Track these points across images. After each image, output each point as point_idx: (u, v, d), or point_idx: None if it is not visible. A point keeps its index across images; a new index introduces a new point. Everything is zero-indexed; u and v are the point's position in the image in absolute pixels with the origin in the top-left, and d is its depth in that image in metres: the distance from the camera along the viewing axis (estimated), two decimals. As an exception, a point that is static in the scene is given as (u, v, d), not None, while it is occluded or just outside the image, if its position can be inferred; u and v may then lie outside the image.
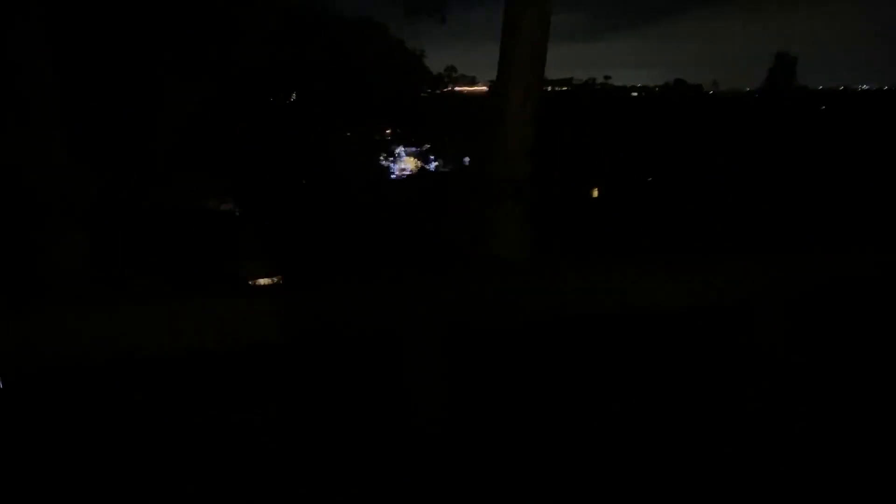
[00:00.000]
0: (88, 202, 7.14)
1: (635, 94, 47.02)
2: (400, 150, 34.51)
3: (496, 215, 7.17)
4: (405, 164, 34.26)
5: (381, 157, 32.53)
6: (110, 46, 11.93)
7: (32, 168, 6.66)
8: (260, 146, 18.73)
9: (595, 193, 31.33)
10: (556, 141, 31.49)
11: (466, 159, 34.74)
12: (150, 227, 13.11)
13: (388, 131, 36.57)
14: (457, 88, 46.98)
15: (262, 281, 15.38)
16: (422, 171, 31.39)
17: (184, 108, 12.67)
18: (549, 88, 55.49)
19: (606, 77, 57.57)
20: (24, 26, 5.94)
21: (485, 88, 55.30)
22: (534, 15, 6.70)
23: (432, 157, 34.35)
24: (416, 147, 33.81)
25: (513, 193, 7.05)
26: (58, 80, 6.32)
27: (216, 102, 14.41)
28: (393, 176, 32.26)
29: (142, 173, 12.34)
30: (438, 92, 39.85)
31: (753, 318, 6.07)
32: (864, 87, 52.24)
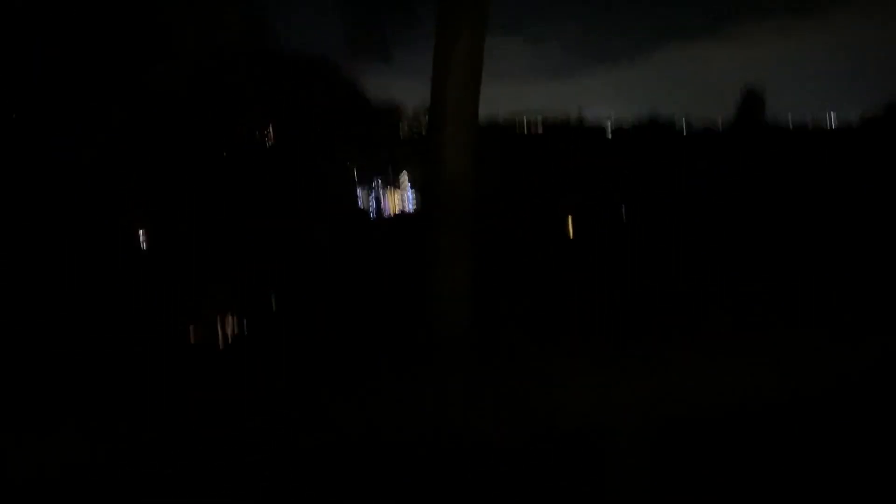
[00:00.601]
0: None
1: (608, 131, 47.94)
2: (379, 190, 34.75)
3: (435, 248, 7.31)
4: (385, 204, 34.52)
5: (360, 196, 32.79)
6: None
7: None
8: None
9: (570, 229, 31.53)
10: (525, 176, 31.89)
11: None
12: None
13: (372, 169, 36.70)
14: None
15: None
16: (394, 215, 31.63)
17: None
18: (524, 124, 56.56)
19: (580, 113, 58.51)
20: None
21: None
22: (467, 43, 6.67)
23: (410, 196, 34.62)
24: (394, 187, 34.10)
25: (453, 226, 7.12)
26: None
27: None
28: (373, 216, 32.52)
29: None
30: (415, 131, 40.31)
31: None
32: (834, 121, 53.22)
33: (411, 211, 33.08)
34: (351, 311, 14.92)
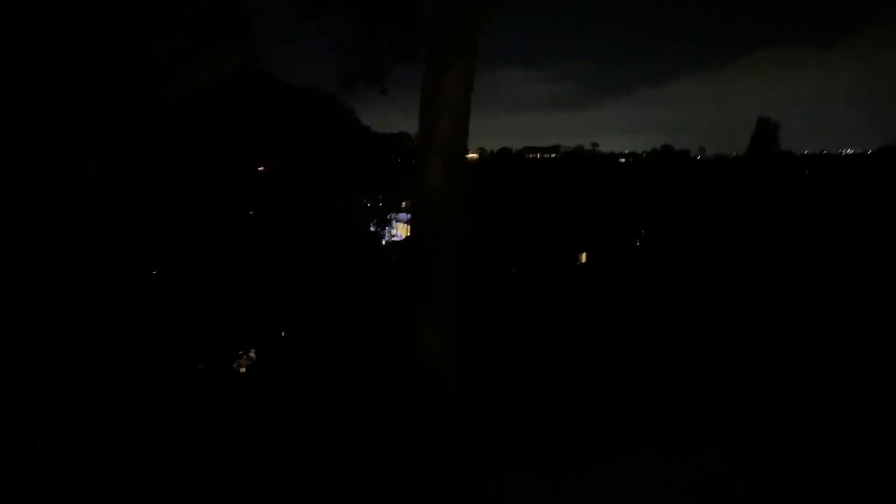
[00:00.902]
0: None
1: (623, 159, 47.84)
2: (394, 216, 34.88)
3: (422, 296, 6.52)
4: (397, 230, 34.62)
5: (373, 224, 32.91)
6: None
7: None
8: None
9: (583, 259, 31.31)
10: (542, 205, 31.88)
11: None
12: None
13: (379, 198, 36.88)
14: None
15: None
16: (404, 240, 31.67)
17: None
18: (538, 155, 56.83)
19: (594, 144, 58.82)
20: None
21: (475, 155, 56.55)
22: (456, 79, 6.14)
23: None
24: (406, 214, 34.18)
25: (442, 272, 6.42)
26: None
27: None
28: (384, 242, 32.56)
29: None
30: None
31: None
32: (849, 150, 53.16)
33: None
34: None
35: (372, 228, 32.94)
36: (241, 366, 15.70)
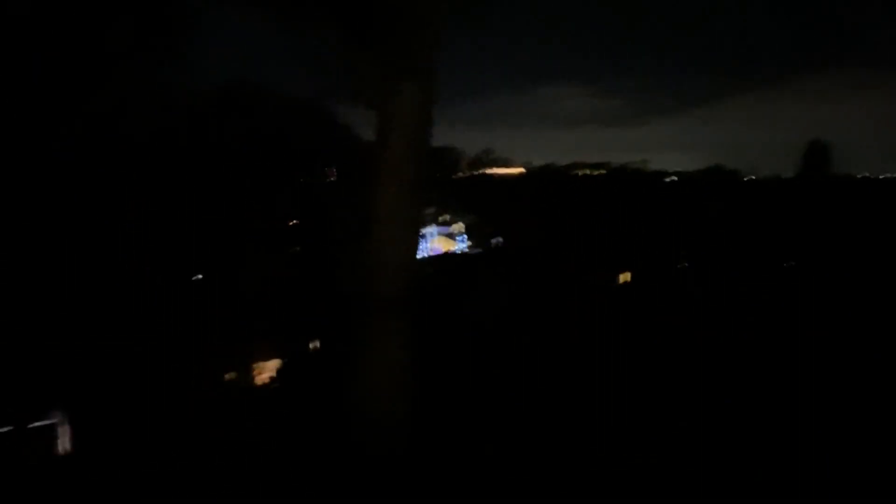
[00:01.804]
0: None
1: (672, 178, 46.81)
2: (432, 229, 34.62)
3: (370, 338, 5.88)
4: (436, 244, 34.33)
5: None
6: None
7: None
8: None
9: (626, 278, 30.64)
10: (584, 221, 31.21)
11: (496, 240, 34.62)
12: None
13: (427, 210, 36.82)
14: (489, 171, 47.63)
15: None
16: (443, 254, 31.34)
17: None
18: (585, 172, 56.04)
19: (643, 162, 57.77)
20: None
21: (522, 170, 55.97)
22: (412, 95, 5.68)
23: (460, 238, 34.34)
24: (446, 227, 33.91)
25: (390, 310, 5.85)
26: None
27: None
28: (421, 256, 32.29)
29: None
30: (474, 173, 40.23)
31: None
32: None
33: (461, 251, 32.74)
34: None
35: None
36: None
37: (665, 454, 7.31)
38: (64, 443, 10.93)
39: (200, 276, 20.24)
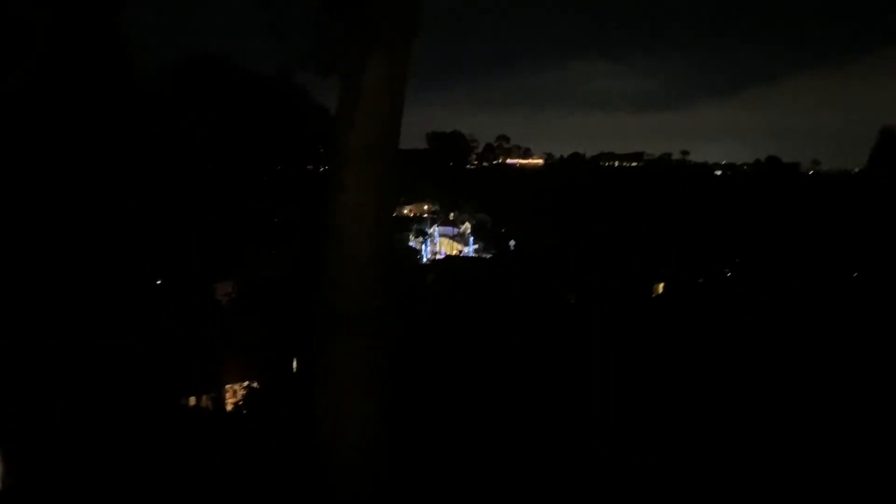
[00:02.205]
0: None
1: (718, 171, 41.89)
2: (435, 230, 30.46)
3: (328, 364, 4.84)
4: (440, 246, 30.08)
5: (410, 238, 28.40)
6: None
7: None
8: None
9: (659, 289, 27.18)
10: (616, 225, 27.22)
11: (512, 243, 30.74)
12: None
13: (425, 207, 32.80)
14: (508, 161, 43.17)
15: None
16: (448, 258, 26.88)
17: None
18: (615, 164, 51.33)
19: (684, 152, 52.46)
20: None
21: (541, 161, 51.39)
22: (381, 70, 4.53)
23: (471, 240, 30.15)
24: (453, 227, 29.61)
25: (350, 329, 4.76)
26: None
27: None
28: (424, 260, 28.01)
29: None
30: (487, 164, 35.90)
31: None
32: None
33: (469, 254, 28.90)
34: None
35: (412, 243, 28.49)
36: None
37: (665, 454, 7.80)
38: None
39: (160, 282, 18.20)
